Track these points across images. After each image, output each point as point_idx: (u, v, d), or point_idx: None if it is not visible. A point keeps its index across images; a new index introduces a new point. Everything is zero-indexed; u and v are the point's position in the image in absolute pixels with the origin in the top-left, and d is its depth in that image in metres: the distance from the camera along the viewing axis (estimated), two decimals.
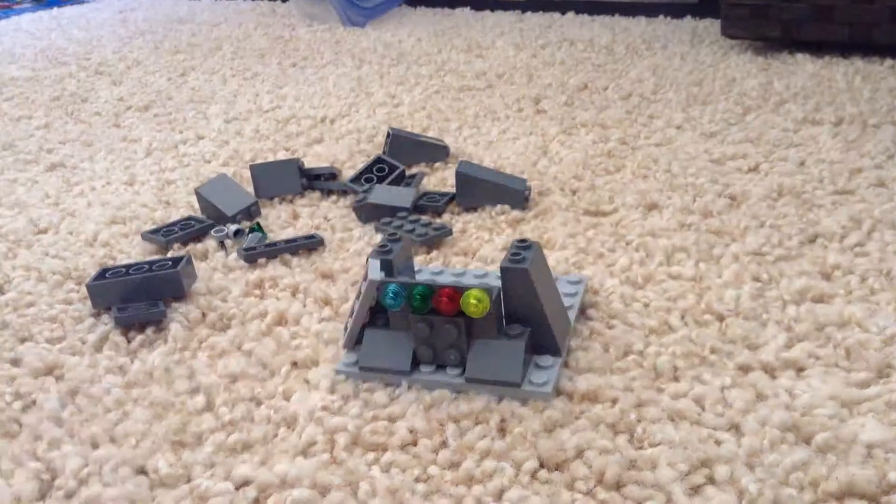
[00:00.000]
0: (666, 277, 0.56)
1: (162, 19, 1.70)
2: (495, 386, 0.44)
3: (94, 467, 0.42)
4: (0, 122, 1.03)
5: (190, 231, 0.66)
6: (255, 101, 1.07)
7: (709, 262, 0.58)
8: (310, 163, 0.83)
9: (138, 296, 0.55)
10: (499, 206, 0.68)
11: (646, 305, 0.53)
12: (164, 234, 0.66)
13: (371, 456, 0.41)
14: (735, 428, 0.42)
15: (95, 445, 0.43)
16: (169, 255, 0.64)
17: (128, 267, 0.57)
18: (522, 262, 0.45)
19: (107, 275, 0.57)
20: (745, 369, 0.46)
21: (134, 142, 0.93)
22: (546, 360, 0.46)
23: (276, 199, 0.74)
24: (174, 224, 0.68)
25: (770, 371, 0.46)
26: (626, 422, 0.42)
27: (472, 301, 0.43)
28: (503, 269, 0.45)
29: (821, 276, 0.56)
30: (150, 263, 0.57)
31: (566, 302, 0.51)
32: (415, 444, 0.42)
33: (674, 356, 0.48)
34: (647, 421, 0.42)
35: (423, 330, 0.46)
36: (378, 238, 0.65)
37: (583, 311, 0.53)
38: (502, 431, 0.42)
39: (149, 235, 0.66)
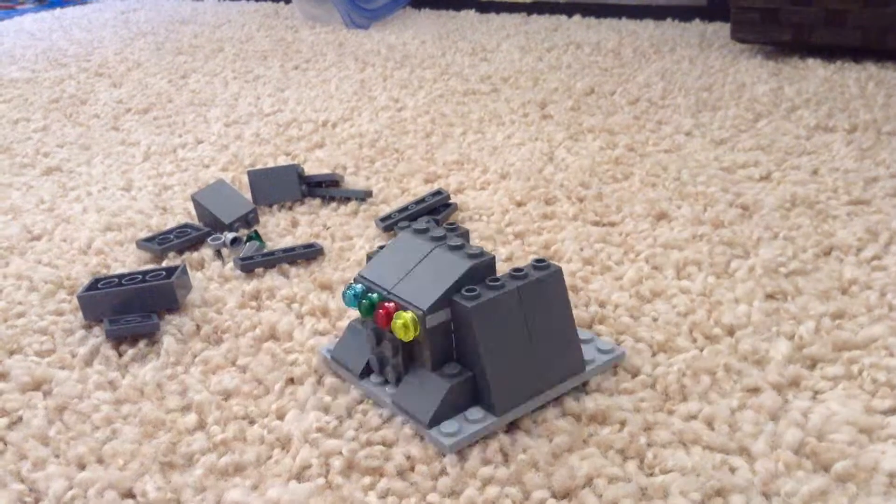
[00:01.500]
0: (676, 291, 0.55)
1: (164, 20, 1.69)
2: (413, 419, 0.42)
3: (78, 490, 0.40)
4: None
5: (186, 239, 0.65)
6: (257, 104, 1.05)
7: (721, 276, 0.56)
8: (310, 168, 0.81)
9: (131, 307, 0.53)
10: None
11: (655, 320, 0.51)
12: (159, 243, 0.64)
13: (367, 480, 0.40)
14: (748, 453, 0.40)
15: (82, 466, 0.42)
16: (164, 263, 0.62)
17: (120, 277, 0.56)
18: (474, 298, 0.41)
19: (99, 285, 0.55)
20: (757, 390, 0.44)
21: (132, 145, 0.92)
22: (476, 413, 0.41)
23: (276, 206, 0.73)
24: (170, 232, 0.66)
25: (784, 393, 0.44)
26: (636, 446, 0.41)
27: (400, 323, 0.41)
28: (451, 301, 0.42)
29: (838, 291, 0.54)
30: (144, 273, 0.56)
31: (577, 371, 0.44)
32: (412, 469, 0.40)
33: (684, 375, 0.46)
34: (657, 446, 0.41)
35: (371, 339, 0.44)
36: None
37: (590, 327, 0.51)
38: (505, 456, 0.41)
39: (144, 244, 0.64)
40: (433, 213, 0.68)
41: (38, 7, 1.99)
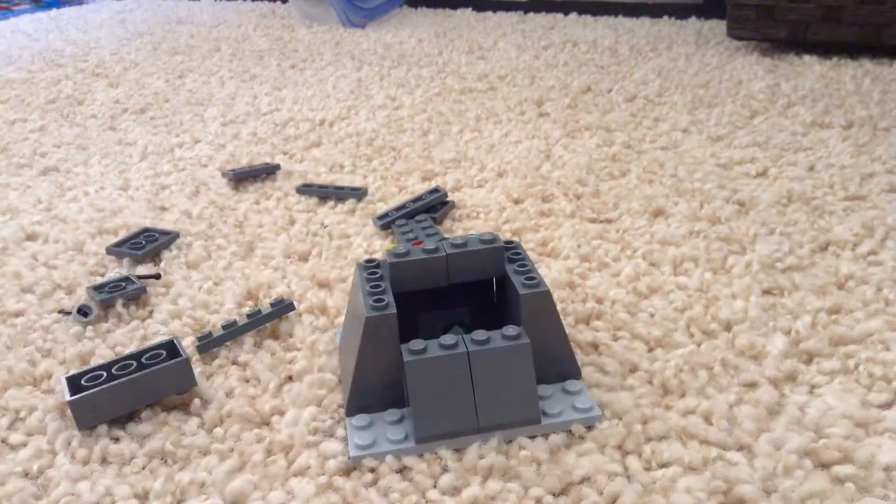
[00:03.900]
0: (673, 287, 0.55)
1: (161, 20, 1.69)
2: None
3: (83, 489, 0.40)
4: None
5: (156, 244, 0.64)
6: (254, 103, 1.05)
7: (717, 272, 0.56)
8: (308, 166, 0.81)
9: (138, 399, 0.44)
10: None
11: (652, 316, 0.52)
12: (131, 248, 0.63)
13: (369, 477, 0.40)
14: (747, 448, 0.40)
15: (85, 463, 0.42)
16: (140, 269, 0.61)
17: (108, 366, 0.45)
18: (384, 308, 0.41)
19: (83, 381, 0.44)
20: (754, 385, 0.45)
21: (129, 145, 0.92)
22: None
23: (273, 201, 0.73)
24: (136, 236, 0.65)
25: (781, 387, 0.44)
26: (634, 441, 0.41)
27: None
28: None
29: (834, 286, 0.54)
30: (137, 356, 0.46)
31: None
32: (411, 468, 0.40)
33: (681, 371, 0.46)
34: (655, 440, 0.41)
35: None
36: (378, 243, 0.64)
37: (587, 323, 0.51)
38: (505, 454, 0.41)
39: (114, 249, 0.63)
40: (430, 210, 0.68)
41: (34, 8, 1.99)
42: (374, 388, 0.42)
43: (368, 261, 0.47)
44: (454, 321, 0.47)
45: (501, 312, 0.47)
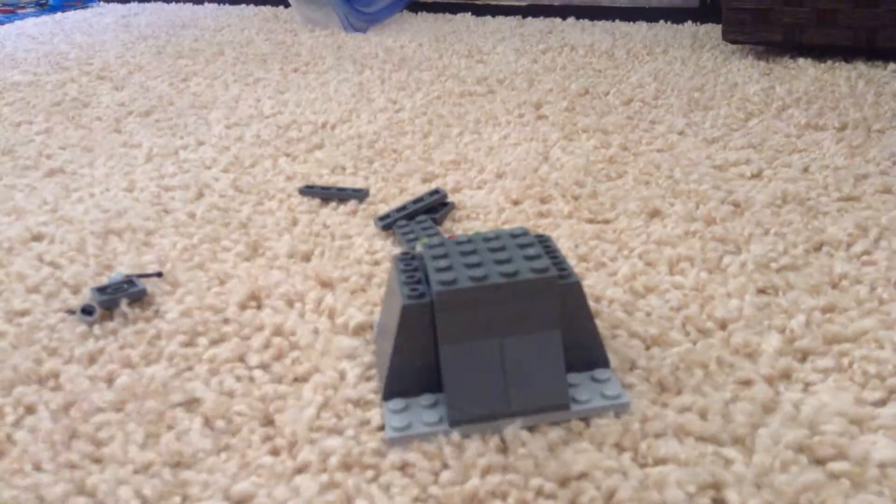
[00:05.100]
0: (670, 287, 0.56)
1: (165, 24, 1.70)
2: None
3: (83, 488, 0.41)
4: (0, 127, 1.03)
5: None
6: (257, 106, 1.06)
7: (713, 272, 0.57)
8: (311, 168, 0.83)
9: None
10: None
11: (648, 315, 0.53)
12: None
13: (370, 473, 0.40)
14: (742, 444, 0.41)
15: (93, 460, 0.43)
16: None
17: None
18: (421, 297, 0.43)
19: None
20: (749, 383, 0.45)
21: (134, 147, 0.93)
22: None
23: (275, 202, 0.74)
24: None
25: (776, 385, 0.45)
26: (632, 438, 0.41)
27: None
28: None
29: (828, 285, 0.55)
30: None
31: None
32: (413, 464, 0.41)
33: (677, 368, 0.47)
34: (651, 437, 0.42)
35: None
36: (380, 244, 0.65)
37: None
38: (504, 450, 0.42)
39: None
40: (431, 211, 0.69)
41: (39, 11, 2.00)
42: (410, 374, 0.44)
43: (404, 254, 0.48)
44: None
45: None
